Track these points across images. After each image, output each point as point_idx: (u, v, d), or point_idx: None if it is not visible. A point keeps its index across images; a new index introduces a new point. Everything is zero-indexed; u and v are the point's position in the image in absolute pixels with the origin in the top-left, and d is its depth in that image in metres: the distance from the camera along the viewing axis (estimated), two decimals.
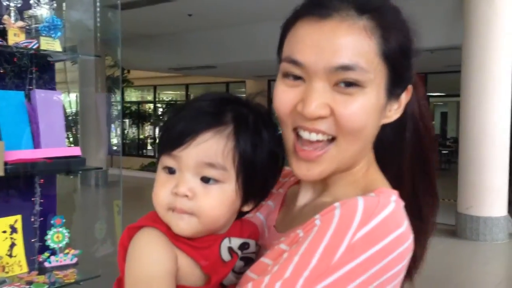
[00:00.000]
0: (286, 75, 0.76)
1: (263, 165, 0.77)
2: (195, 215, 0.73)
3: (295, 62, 0.74)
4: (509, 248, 6.48)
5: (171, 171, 0.75)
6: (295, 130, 0.76)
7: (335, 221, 0.68)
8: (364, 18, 0.72)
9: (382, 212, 0.69)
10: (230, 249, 0.78)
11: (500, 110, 6.46)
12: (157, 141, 0.78)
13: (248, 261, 0.80)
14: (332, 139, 0.75)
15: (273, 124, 0.81)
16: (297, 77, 0.75)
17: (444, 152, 15.72)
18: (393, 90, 0.77)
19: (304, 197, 0.86)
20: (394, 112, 0.80)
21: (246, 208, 0.80)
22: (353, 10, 0.72)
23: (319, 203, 0.81)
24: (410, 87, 0.81)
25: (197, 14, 9.24)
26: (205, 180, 0.74)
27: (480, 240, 6.49)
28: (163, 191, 0.75)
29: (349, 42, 0.71)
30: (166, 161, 0.75)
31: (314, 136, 0.74)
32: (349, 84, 0.72)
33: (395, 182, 0.82)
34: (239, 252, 0.79)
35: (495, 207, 6.54)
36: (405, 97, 0.80)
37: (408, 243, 0.71)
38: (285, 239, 0.76)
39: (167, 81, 17.79)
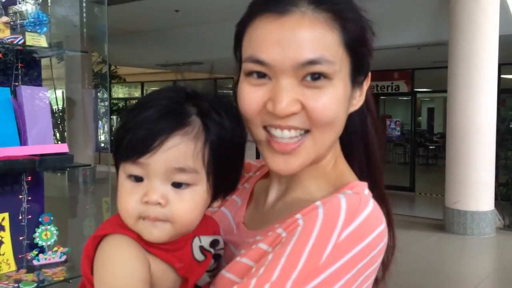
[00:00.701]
0: (250, 73, 0.74)
1: (231, 159, 0.76)
2: (170, 221, 0.70)
3: (259, 62, 0.72)
4: (496, 242, 6.56)
5: (137, 178, 0.71)
6: (265, 128, 0.75)
7: (319, 221, 0.68)
8: (323, 10, 0.71)
9: (364, 210, 0.70)
10: (202, 248, 0.76)
11: (487, 105, 6.52)
12: (114, 146, 0.72)
13: (217, 258, 0.79)
14: (306, 131, 0.74)
15: (233, 112, 0.77)
16: (261, 75, 0.74)
17: (431, 147, 15.86)
18: (356, 78, 0.77)
19: (274, 192, 0.85)
20: (358, 100, 0.80)
21: (215, 205, 0.79)
22: (311, 3, 0.72)
23: (292, 198, 0.81)
24: (369, 74, 0.82)
25: (184, 10, 9.19)
26: (176, 185, 0.70)
27: (468, 234, 6.56)
28: (132, 201, 0.70)
29: (313, 36, 0.70)
30: (131, 169, 0.71)
31: (286, 134, 0.73)
32: (317, 77, 0.72)
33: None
34: (211, 250, 0.77)
35: (482, 202, 6.61)
36: (366, 85, 0.81)
37: (386, 237, 0.73)
38: (263, 238, 0.75)
39: (154, 77, 17.69)
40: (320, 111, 0.72)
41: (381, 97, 12.00)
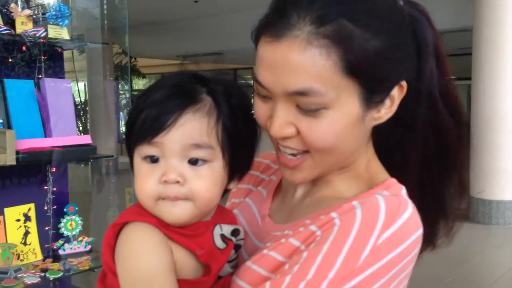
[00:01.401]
0: (257, 91, 0.75)
1: (244, 135, 0.76)
2: (190, 199, 0.70)
3: (258, 82, 0.72)
4: None
5: (153, 159, 0.71)
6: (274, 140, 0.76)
7: (357, 222, 0.67)
8: (322, 32, 0.65)
9: (404, 214, 0.68)
10: (223, 236, 0.75)
11: None
12: (126, 131, 0.75)
13: (237, 248, 0.79)
14: (306, 151, 0.73)
15: (243, 92, 0.78)
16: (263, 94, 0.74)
17: None
18: (372, 98, 0.70)
19: (302, 187, 0.84)
20: (387, 111, 0.74)
21: (232, 186, 0.78)
22: (311, 24, 0.65)
23: (321, 196, 0.80)
24: (403, 83, 0.73)
25: (203, 0, 9.18)
26: (193, 162, 0.70)
27: (493, 223, 6.46)
28: (150, 182, 0.70)
29: (302, 65, 0.65)
30: (146, 150, 0.71)
31: (288, 150, 0.73)
32: (312, 107, 0.68)
33: (400, 168, 0.80)
34: (233, 239, 0.77)
35: (508, 191, 6.50)
36: (398, 93, 0.73)
37: (420, 242, 0.71)
38: (293, 233, 0.74)
39: (175, 69, 17.77)
40: (315, 139, 0.70)
41: None
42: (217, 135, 0.71)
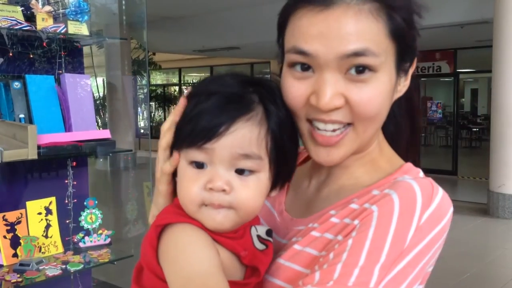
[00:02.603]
0: (293, 65, 0.74)
1: (290, 146, 0.75)
2: (233, 208, 0.70)
3: (302, 53, 0.71)
4: None
5: (199, 165, 0.70)
6: (309, 121, 0.75)
7: (396, 205, 0.68)
8: (368, 1, 0.70)
9: (438, 193, 0.71)
10: (259, 237, 0.75)
11: None
12: (175, 132, 0.75)
13: None
14: (348, 124, 0.74)
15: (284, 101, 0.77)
16: (305, 67, 0.73)
17: (475, 129, 15.40)
18: (402, 65, 0.76)
19: (316, 178, 0.85)
20: (403, 86, 0.79)
21: (273, 194, 0.77)
22: None
23: (338, 185, 0.80)
24: (415, 58, 0.80)
25: None
26: (240, 172, 0.70)
27: None
28: (195, 187, 0.69)
29: (358, 28, 0.69)
30: (194, 155, 0.70)
31: (330, 127, 0.73)
32: (361, 70, 0.70)
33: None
34: (270, 239, 0.76)
35: None
36: (411, 69, 0.80)
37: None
38: (320, 226, 0.74)
39: (192, 63, 17.82)
40: (364, 106, 0.71)
41: (422, 79, 11.69)
42: (266, 145, 0.71)
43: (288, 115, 0.75)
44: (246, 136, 0.69)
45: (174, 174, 0.76)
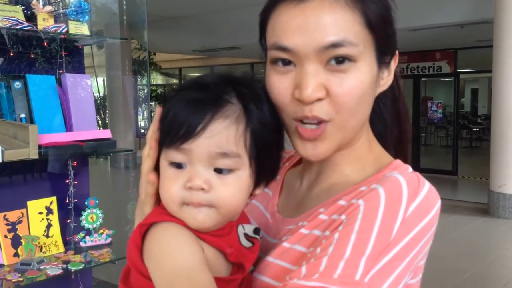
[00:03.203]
0: (275, 61, 0.75)
1: (271, 143, 0.74)
2: (214, 207, 0.70)
3: (283, 48, 0.72)
4: None
5: (178, 165, 0.70)
6: (296, 120, 0.75)
7: (382, 198, 0.69)
8: None
9: (424, 186, 0.71)
10: (246, 235, 0.75)
11: None
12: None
13: None
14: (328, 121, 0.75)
15: (267, 96, 0.76)
16: (286, 62, 0.74)
17: (475, 129, 15.40)
18: (382, 58, 0.77)
19: (307, 178, 0.85)
20: (386, 80, 0.80)
21: (257, 191, 0.77)
22: None
23: (328, 183, 0.81)
24: (397, 52, 0.81)
25: None
26: (219, 170, 0.70)
27: None
28: (175, 187, 0.70)
29: (334, 19, 0.70)
30: (173, 156, 0.70)
31: (312, 121, 0.74)
32: (341, 61, 0.71)
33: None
34: (258, 237, 0.77)
35: None
36: (393, 64, 0.81)
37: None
38: (309, 224, 0.75)
39: (192, 63, 17.83)
40: (345, 96, 0.72)
41: (422, 79, 11.69)
42: (245, 143, 0.70)
43: (270, 112, 0.75)
44: (223, 135, 0.69)
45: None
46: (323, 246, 0.68)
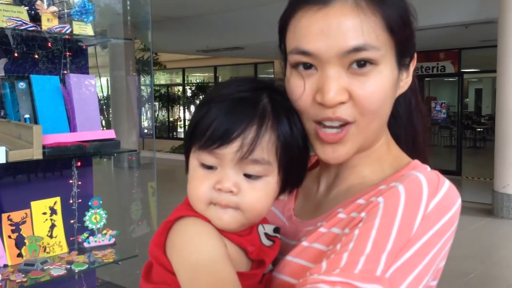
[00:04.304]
0: (296, 65, 0.75)
1: (299, 151, 0.76)
2: (240, 210, 0.72)
3: (304, 53, 0.73)
4: None
5: (209, 166, 0.73)
6: (316, 122, 0.76)
7: (402, 195, 0.69)
8: None
9: (444, 183, 0.72)
10: (267, 235, 0.78)
11: None
12: (187, 133, 0.76)
13: None
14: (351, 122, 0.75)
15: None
16: (307, 66, 0.74)
17: (479, 129, 15.35)
18: (402, 60, 0.77)
19: (325, 181, 0.86)
20: (405, 82, 0.81)
21: (282, 197, 0.79)
22: None
23: (347, 185, 0.81)
24: (415, 55, 0.82)
25: None
26: (248, 176, 0.72)
27: None
28: (204, 187, 0.72)
29: (356, 23, 0.71)
30: (205, 158, 0.72)
31: (336, 123, 0.74)
32: (362, 64, 0.72)
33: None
34: (278, 235, 0.79)
35: None
36: (412, 66, 0.81)
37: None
38: (331, 223, 0.75)
39: (195, 63, 17.85)
40: (367, 99, 0.72)
41: (426, 79, 11.66)
42: (276, 151, 0.72)
43: (299, 120, 0.76)
44: (256, 142, 0.70)
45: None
46: (343, 243, 0.68)
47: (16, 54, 2.08)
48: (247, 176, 0.72)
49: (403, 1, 0.77)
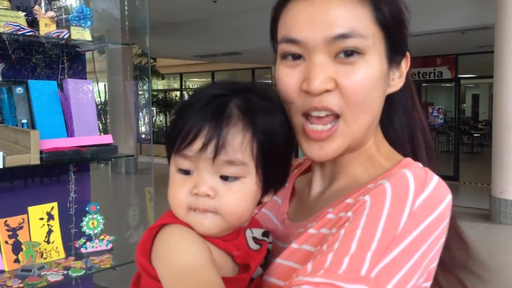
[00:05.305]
0: (285, 56, 0.76)
1: (279, 151, 0.75)
2: (219, 214, 0.71)
3: (292, 41, 0.73)
4: None
5: (186, 172, 0.72)
6: (304, 115, 0.75)
7: (389, 193, 0.68)
8: None
9: (432, 179, 0.70)
10: (255, 239, 0.77)
11: None
12: (166, 139, 0.76)
13: (267, 253, 0.79)
14: (337, 117, 0.74)
15: (281, 105, 0.77)
16: (296, 56, 0.75)
17: (476, 135, 15.39)
18: (393, 57, 0.77)
19: (318, 184, 0.85)
20: (397, 81, 0.80)
21: (266, 199, 0.77)
22: None
23: (339, 186, 0.80)
24: (408, 54, 0.81)
25: (221, 0, 9.20)
26: (225, 178, 0.71)
27: None
28: (181, 192, 0.71)
29: (343, 12, 0.71)
30: (180, 162, 0.72)
31: (323, 113, 0.74)
32: (350, 53, 0.72)
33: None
34: (266, 239, 0.78)
35: None
36: (405, 65, 0.81)
37: (451, 208, 0.72)
38: (316, 224, 0.75)
39: (193, 69, 17.87)
40: (353, 88, 0.72)
41: (423, 84, 11.69)
42: (251, 151, 0.71)
43: (282, 121, 0.75)
44: (229, 143, 0.69)
45: None
46: (329, 243, 0.67)
47: (13, 59, 2.08)
48: (224, 178, 0.71)
49: (397, 2, 0.77)
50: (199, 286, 0.65)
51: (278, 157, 0.75)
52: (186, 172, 0.72)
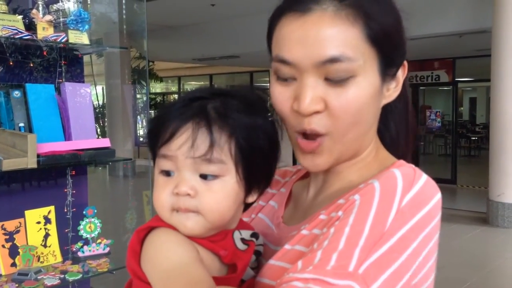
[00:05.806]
0: (277, 72, 0.76)
1: (261, 151, 0.75)
2: (201, 213, 0.72)
3: (283, 61, 0.74)
4: None
5: (167, 173, 0.74)
6: (297, 132, 0.77)
7: (377, 191, 0.69)
8: (345, 6, 0.72)
9: (420, 178, 0.71)
10: (243, 240, 0.78)
11: None
12: (146, 138, 0.80)
13: (257, 255, 0.81)
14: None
15: (264, 107, 0.78)
16: (288, 75, 0.75)
17: (474, 138, 15.42)
18: (387, 71, 0.76)
19: (313, 188, 0.87)
20: (393, 90, 0.80)
21: (250, 199, 0.78)
22: (334, 0, 0.72)
23: (333, 190, 0.81)
24: (405, 63, 0.81)
25: (219, 4, 9.22)
26: (204, 176, 0.72)
27: None
28: (164, 193, 0.73)
29: (333, 33, 0.71)
30: (162, 164, 0.74)
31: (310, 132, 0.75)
32: (340, 75, 0.72)
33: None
34: (254, 240, 0.79)
35: None
36: (402, 74, 0.81)
37: (441, 208, 0.73)
38: (308, 225, 0.76)
39: (191, 72, 17.87)
40: (343, 110, 0.72)
41: (421, 88, 11.72)
42: (229, 150, 0.72)
43: (263, 122, 0.76)
44: (206, 142, 0.70)
45: None
46: (319, 241, 0.68)
47: (11, 63, 2.08)
48: (203, 177, 0.72)
49: (391, 13, 0.76)
50: (188, 282, 0.66)
51: (259, 157, 0.75)
52: (168, 174, 0.73)
